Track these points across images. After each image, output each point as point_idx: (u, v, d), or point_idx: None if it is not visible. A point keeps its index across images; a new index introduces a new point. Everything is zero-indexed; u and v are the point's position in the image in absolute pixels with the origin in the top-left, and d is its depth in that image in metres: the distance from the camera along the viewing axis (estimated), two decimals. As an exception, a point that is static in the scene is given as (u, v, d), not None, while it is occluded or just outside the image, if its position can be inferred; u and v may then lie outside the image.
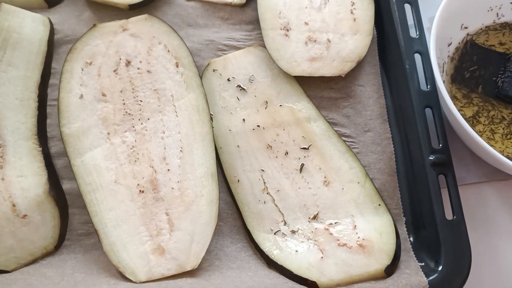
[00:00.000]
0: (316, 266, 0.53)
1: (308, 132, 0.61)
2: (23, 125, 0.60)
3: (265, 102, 0.63)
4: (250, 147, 0.61)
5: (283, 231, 0.57)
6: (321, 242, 0.55)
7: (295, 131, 0.62)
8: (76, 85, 0.61)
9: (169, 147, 0.58)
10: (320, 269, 0.53)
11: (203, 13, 0.70)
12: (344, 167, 0.59)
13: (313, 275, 0.53)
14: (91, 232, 0.59)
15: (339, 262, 0.54)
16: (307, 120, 0.62)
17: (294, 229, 0.57)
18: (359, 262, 0.53)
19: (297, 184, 0.59)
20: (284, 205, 0.58)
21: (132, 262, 0.54)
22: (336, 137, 0.61)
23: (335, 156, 0.60)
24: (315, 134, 0.61)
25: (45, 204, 0.57)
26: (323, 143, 0.61)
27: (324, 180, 0.59)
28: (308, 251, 0.55)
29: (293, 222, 0.57)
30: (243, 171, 0.60)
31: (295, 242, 0.56)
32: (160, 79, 0.62)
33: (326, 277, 0.52)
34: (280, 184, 0.59)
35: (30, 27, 0.64)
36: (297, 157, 0.60)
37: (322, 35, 0.65)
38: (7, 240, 0.55)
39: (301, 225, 0.57)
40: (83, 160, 0.58)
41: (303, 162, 0.60)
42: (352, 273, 0.53)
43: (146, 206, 0.56)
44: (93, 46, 0.63)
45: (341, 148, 0.60)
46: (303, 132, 0.61)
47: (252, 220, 0.58)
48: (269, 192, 0.59)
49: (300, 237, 0.56)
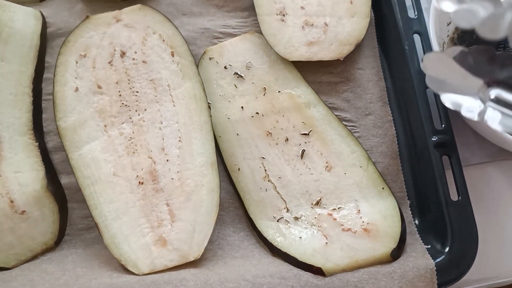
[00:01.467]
0: (320, 252, 0.53)
1: (308, 117, 0.60)
2: (18, 120, 0.59)
3: (263, 89, 0.62)
4: (250, 135, 0.60)
5: (286, 218, 0.56)
6: (325, 228, 0.55)
7: (295, 117, 0.61)
8: (71, 78, 0.60)
9: (167, 137, 0.57)
10: (325, 255, 0.52)
11: (197, 1, 0.69)
12: (346, 151, 0.58)
13: (318, 261, 0.52)
14: (91, 227, 0.58)
15: (344, 247, 0.53)
16: (307, 105, 0.61)
17: (297, 215, 0.56)
18: (364, 247, 0.52)
19: (299, 170, 0.58)
20: (286, 192, 0.57)
21: (134, 254, 0.53)
22: (337, 121, 0.60)
23: (336, 140, 0.59)
24: (315, 119, 0.60)
25: (44, 199, 0.57)
26: (323, 128, 0.60)
27: (325, 166, 0.58)
28: (312, 237, 0.54)
29: (296, 208, 0.57)
30: (243, 159, 0.59)
31: (298, 228, 0.55)
32: (155, 69, 0.61)
33: (331, 262, 0.52)
34: (281, 171, 0.58)
35: (22, 21, 0.63)
36: (297, 143, 0.59)
37: (319, 18, 0.64)
38: (6, 236, 0.54)
39: (304, 212, 0.56)
40: (81, 153, 0.57)
41: (304, 148, 0.59)
42: (358, 258, 0.52)
43: (146, 198, 0.55)
44: (86, 38, 0.62)
45: (342, 132, 0.59)
46: (303, 118, 0.60)
47: (254, 208, 0.57)
48: (270, 180, 0.58)
49: (304, 224, 0.56)
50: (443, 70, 0.45)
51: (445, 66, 0.44)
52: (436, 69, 0.45)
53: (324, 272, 0.51)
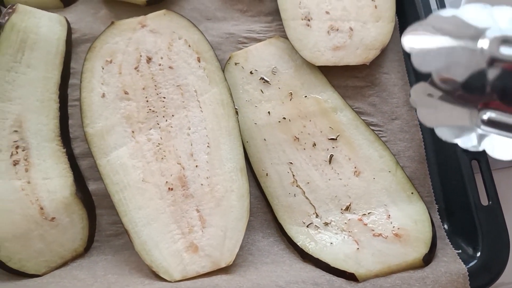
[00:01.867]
0: (352, 258, 0.52)
1: (335, 122, 0.60)
2: (45, 126, 0.59)
3: (290, 94, 0.62)
4: (277, 140, 0.60)
5: (315, 223, 0.56)
6: (356, 233, 0.55)
7: (322, 121, 0.61)
8: (97, 84, 0.60)
9: (195, 143, 0.57)
10: (357, 260, 0.52)
11: (221, 6, 0.69)
12: (374, 156, 0.58)
13: (350, 266, 0.52)
14: (120, 233, 0.58)
15: (376, 252, 0.53)
16: (334, 110, 0.61)
17: (327, 221, 0.56)
18: (396, 252, 0.52)
19: (327, 175, 0.58)
20: (315, 197, 0.57)
21: (165, 261, 0.53)
22: (364, 126, 0.60)
23: (364, 145, 0.59)
24: (342, 124, 0.60)
25: (73, 206, 0.57)
26: (351, 132, 0.60)
27: (354, 170, 0.58)
28: (343, 243, 0.54)
29: (325, 214, 0.57)
30: (271, 164, 0.59)
31: (329, 234, 0.55)
32: (182, 74, 0.61)
33: (364, 268, 0.52)
34: (309, 176, 0.58)
35: (47, 27, 0.63)
36: (325, 148, 0.59)
37: (344, 23, 0.64)
38: (37, 243, 0.54)
39: (333, 217, 0.56)
40: (109, 159, 0.57)
41: (331, 153, 0.59)
42: (390, 263, 0.52)
43: (176, 204, 0.55)
44: (112, 44, 0.62)
45: (369, 137, 0.59)
46: (330, 123, 0.60)
47: (283, 214, 0.57)
48: (298, 185, 0.58)
49: (334, 229, 0.56)
50: (433, 101, 0.43)
51: (434, 97, 0.42)
52: (426, 101, 0.43)
53: (357, 278, 0.51)
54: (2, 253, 0.53)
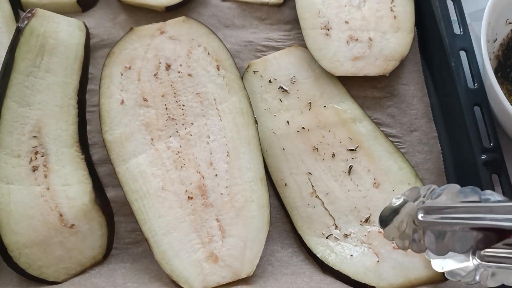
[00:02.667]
0: (373, 271, 0.53)
1: (354, 133, 0.61)
2: (64, 132, 0.59)
3: (309, 103, 0.62)
4: (296, 150, 0.60)
5: (335, 235, 0.56)
6: (376, 246, 0.55)
7: (341, 132, 0.61)
8: (116, 90, 0.60)
9: (215, 151, 0.57)
10: (378, 273, 0.52)
11: (240, 14, 0.68)
12: (394, 168, 0.59)
13: (371, 279, 0.52)
14: (139, 241, 0.58)
15: (396, 265, 0.53)
16: (353, 120, 0.61)
17: (346, 232, 0.56)
18: (416, 265, 0.53)
19: (346, 186, 0.58)
20: (334, 209, 0.58)
21: (186, 270, 0.53)
22: (383, 137, 0.60)
23: (383, 157, 0.59)
24: (362, 135, 0.60)
25: (92, 213, 0.57)
26: (370, 143, 0.60)
27: (374, 182, 0.58)
28: (363, 255, 0.54)
29: (345, 225, 0.57)
30: (290, 174, 0.59)
31: (348, 246, 0.55)
32: (201, 82, 0.61)
33: (384, 281, 0.52)
34: (328, 187, 0.58)
35: (66, 32, 0.63)
36: (344, 159, 0.59)
37: (364, 33, 0.64)
38: (56, 250, 0.55)
39: (353, 229, 0.56)
40: (128, 167, 0.57)
41: (351, 164, 0.59)
42: (411, 277, 0.52)
43: (196, 213, 0.55)
44: (131, 50, 0.62)
45: (389, 148, 0.60)
46: (349, 133, 0.61)
47: (302, 224, 0.57)
48: (318, 196, 0.58)
49: (354, 241, 0.56)
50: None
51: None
52: None
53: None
54: (22, 259, 0.53)
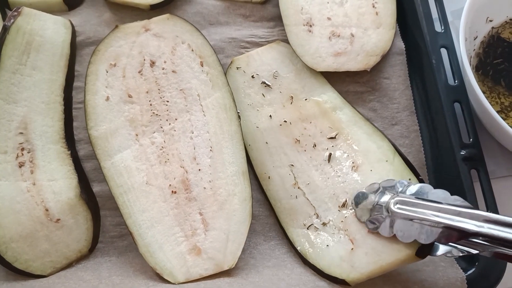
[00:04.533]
0: (346, 260, 0.53)
1: (335, 121, 0.61)
2: (50, 128, 0.60)
3: (290, 97, 0.63)
4: (279, 143, 0.61)
5: (315, 224, 0.57)
6: (352, 232, 0.54)
7: (322, 122, 0.61)
8: (101, 87, 0.61)
9: (198, 146, 0.58)
10: (351, 262, 0.52)
11: (224, 11, 0.69)
12: (372, 148, 0.58)
13: (343, 270, 0.52)
14: (124, 234, 0.59)
15: (370, 251, 0.52)
16: (333, 109, 0.62)
17: (325, 221, 0.56)
18: (389, 249, 0.51)
19: (326, 174, 0.59)
20: (315, 197, 0.58)
21: (169, 263, 0.54)
22: (363, 120, 0.60)
23: (362, 139, 0.59)
24: (342, 121, 0.61)
25: (77, 207, 0.57)
26: (350, 129, 0.60)
27: (352, 166, 0.58)
28: (339, 244, 0.54)
29: (325, 213, 0.57)
30: (273, 167, 0.60)
31: (326, 235, 0.56)
32: (185, 78, 0.61)
33: (356, 270, 0.52)
34: (309, 177, 0.59)
35: (52, 29, 0.64)
36: (325, 148, 0.60)
37: (345, 29, 0.65)
38: (42, 244, 0.55)
39: (332, 216, 0.56)
40: (113, 162, 0.58)
41: (330, 151, 0.60)
42: (382, 263, 0.51)
43: (179, 207, 0.56)
44: (116, 47, 0.63)
45: (368, 130, 0.60)
46: (329, 122, 0.61)
47: (286, 217, 0.58)
48: (300, 187, 0.59)
49: (331, 229, 0.56)
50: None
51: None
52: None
53: (349, 283, 0.52)
54: (8, 253, 0.54)
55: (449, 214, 0.46)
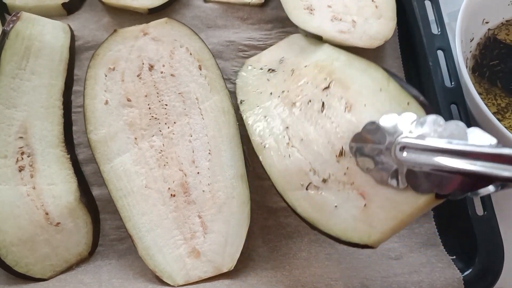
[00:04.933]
0: (362, 219, 0.46)
1: (330, 72, 0.56)
2: (50, 133, 0.61)
3: (291, 71, 0.61)
4: (275, 112, 0.58)
5: (314, 182, 0.50)
6: (360, 184, 0.47)
7: (318, 78, 0.57)
8: (100, 91, 0.62)
9: (197, 150, 0.59)
10: (368, 221, 0.46)
11: (222, 14, 0.70)
12: (366, 82, 0.52)
13: (362, 233, 0.46)
14: (124, 237, 0.60)
15: (385, 204, 0.45)
16: (330, 62, 0.57)
17: (324, 176, 0.50)
18: (405, 196, 0.44)
19: (320, 124, 0.53)
20: (309, 151, 0.52)
21: (169, 266, 0.54)
22: (357, 59, 0.55)
23: (356, 77, 0.53)
24: (336, 68, 0.56)
25: (77, 211, 0.58)
26: (344, 72, 0.55)
27: (345, 107, 0.52)
28: (348, 201, 0.47)
29: (322, 167, 0.50)
30: (270, 135, 0.56)
31: (330, 194, 0.49)
32: (184, 82, 0.62)
33: (376, 230, 0.45)
34: (303, 133, 0.53)
35: (51, 34, 0.64)
36: (319, 100, 0.55)
37: (347, 16, 0.64)
38: (42, 248, 0.56)
39: (331, 169, 0.49)
40: (112, 165, 0.58)
41: (324, 100, 0.54)
42: (402, 216, 0.44)
43: (178, 210, 0.56)
44: (115, 51, 0.63)
45: (361, 66, 0.54)
46: (325, 74, 0.56)
47: (281, 181, 0.52)
48: (293, 145, 0.53)
49: (335, 185, 0.49)
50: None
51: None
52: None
53: (372, 246, 0.46)
54: (9, 257, 0.54)
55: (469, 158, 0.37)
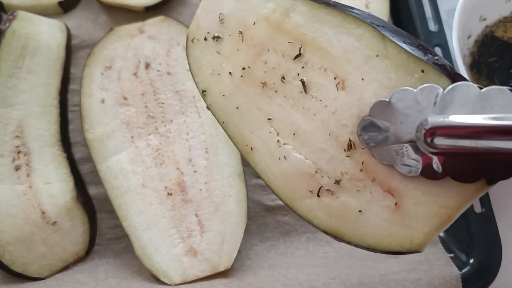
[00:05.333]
0: (396, 221, 0.38)
1: (292, 30, 0.42)
2: (47, 131, 0.60)
3: (240, 33, 0.45)
4: (248, 99, 0.44)
5: (326, 186, 0.40)
6: (383, 179, 0.38)
7: (279, 42, 0.43)
8: (97, 89, 0.61)
9: (194, 148, 0.59)
10: (404, 222, 0.38)
11: (219, 12, 0.69)
12: (350, 43, 0.39)
13: (401, 238, 0.38)
14: (121, 236, 0.59)
15: (421, 198, 0.37)
16: (285, 16, 0.42)
17: (336, 177, 0.40)
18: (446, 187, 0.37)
19: (310, 110, 0.41)
20: (308, 148, 0.41)
21: (166, 264, 0.54)
22: (323, 9, 0.40)
23: (331, 35, 0.40)
24: (300, 26, 0.42)
25: (74, 210, 0.58)
26: (312, 30, 0.41)
27: (336, 83, 0.40)
28: (374, 202, 0.39)
29: (330, 166, 0.40)
30: (252, 133, 0.44)
31: (349, 196, 0.40)
32: (180, 80, 0.62)
33: (417, 231, 0.38)
34: (293, 123, 0.42)
35: (48, 33, 0.64)
36: (295, 75, 0.42)
37: None
38: (39, 247, 0.56)
39: (342, 167, 0.40)
40: (109, 164, 0.58)
41: (302, 77, 0.41)
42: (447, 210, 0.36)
43: (175, 209, 0.56)
44: (111, 50, 0.63)
45: (334, 20, 0.40)
46: (287, 37, 0.42)
47: (285, 189, 0.42)
48: (286, 142, 0.42)
49: (351, 185, 0.40)
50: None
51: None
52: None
53: (418, 251, 0.38)
54: (6, 256, 0.54)
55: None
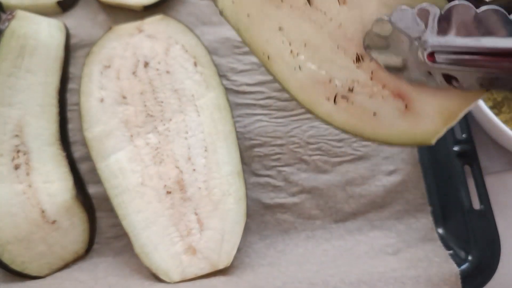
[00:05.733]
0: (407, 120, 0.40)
1: None
2: (46, 131, 0.61)
3: None
4: (256, 8, 0.48)
5: (340, 93, 0.43)
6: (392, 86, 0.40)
7: None
8: (95, 88, 0.61)
9: (193, 147, 0.59)
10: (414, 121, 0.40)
11: (217, 11, 0.69)
12: None
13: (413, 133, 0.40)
14: (120, 235, 0.59)
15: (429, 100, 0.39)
16: None
17: (349, 86, 0.43)
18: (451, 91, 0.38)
19: (316, 22, 0.44)
20: (320, 59, 0.44)
21: (165, 263, 0.54)
22: None
23: None
24: None
25: (74, 209, 0.58)
26: None
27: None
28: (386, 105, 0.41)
29: (342, 76, 0.43)
30: (266, 41, 0.48)
31: (363, 101, 0.42)
32: (179, 79, 0.62)
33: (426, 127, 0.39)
34: (302, 34, 0.45)
35: (46, 33, 0.64)
36: None
37: None
38: (39, 246, 0.56)
39: (353, 76, 0.43)
40: (108, 163, 0.58)
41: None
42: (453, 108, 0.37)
43: (174, 207, 0.56)
44: (110, 49, 0.63)
45: None
46: None
47: (303, 97, 0.46)
48: (298, 53, 0.46)
49: (363, 91, 0.42)
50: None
51: None
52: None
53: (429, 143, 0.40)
54: (5, 255, 0.54)
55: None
